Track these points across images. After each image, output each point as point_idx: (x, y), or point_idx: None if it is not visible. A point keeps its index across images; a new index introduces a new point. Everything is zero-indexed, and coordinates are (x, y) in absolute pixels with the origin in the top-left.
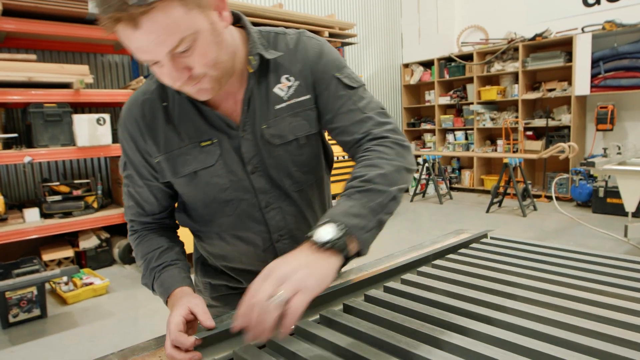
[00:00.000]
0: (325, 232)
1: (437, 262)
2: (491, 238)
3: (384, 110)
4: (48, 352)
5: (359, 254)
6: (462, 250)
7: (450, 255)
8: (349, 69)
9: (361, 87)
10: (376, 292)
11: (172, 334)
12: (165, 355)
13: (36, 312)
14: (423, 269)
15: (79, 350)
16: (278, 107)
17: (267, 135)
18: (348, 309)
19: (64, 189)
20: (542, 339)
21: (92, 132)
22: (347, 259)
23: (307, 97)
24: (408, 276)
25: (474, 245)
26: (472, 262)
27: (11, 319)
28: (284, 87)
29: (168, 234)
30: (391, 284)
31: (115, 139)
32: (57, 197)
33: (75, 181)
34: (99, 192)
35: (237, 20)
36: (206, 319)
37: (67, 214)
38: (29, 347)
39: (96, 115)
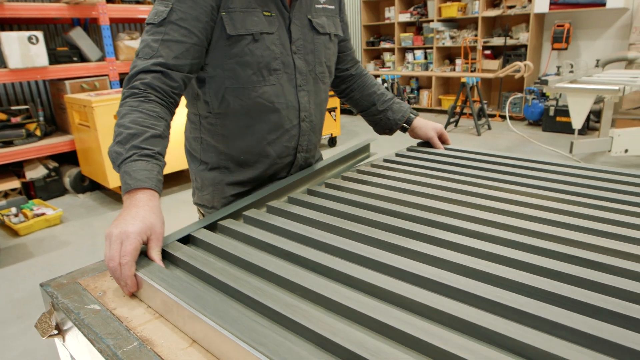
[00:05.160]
0: None
1: (362, 167)
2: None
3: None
4: (4, 284)
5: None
6: (395, 158)
7: (377, 162)
8: None
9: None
10: (301, 195)
11: (124, 258)
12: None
13: None
14: (348, 174)
15: (36, 280)
16: (318, 6)
17: (313, 23)
18: (271, 210)
19: (1, 116)
20: (468, 235)
21: (24, 52)
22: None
23: (334, 7)
24: (332, 180)
25: (410, 153)
26: (401, 168)
27: None
28: None
29: (169, 110)
30: (315, 187)
31: (52, 61)
32: None
33: (13, 107)
34: (41, 118)
35: None
36: (156, 256)
37: (8, 143)
38: None
39: (27, 33)
